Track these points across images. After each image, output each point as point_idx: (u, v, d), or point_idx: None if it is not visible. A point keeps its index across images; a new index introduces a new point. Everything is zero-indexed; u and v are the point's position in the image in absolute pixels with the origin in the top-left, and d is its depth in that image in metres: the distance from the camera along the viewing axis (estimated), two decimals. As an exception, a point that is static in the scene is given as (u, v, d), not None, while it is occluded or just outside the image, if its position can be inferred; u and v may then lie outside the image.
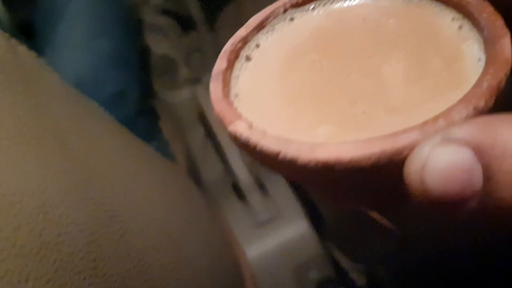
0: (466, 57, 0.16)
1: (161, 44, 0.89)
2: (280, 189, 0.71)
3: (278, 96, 0.18)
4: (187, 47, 0.91)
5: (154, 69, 0.85)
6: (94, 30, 0.72)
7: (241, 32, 0.20)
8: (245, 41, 0.19)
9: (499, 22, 0.15)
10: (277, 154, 0.14)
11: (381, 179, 0.14)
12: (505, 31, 0.15)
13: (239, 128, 0.15)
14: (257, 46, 0.20)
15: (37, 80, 0.21)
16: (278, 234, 0.67)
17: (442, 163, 0.11)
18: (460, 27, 0.17)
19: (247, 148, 0.15)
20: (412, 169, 0.12)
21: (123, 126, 0.29)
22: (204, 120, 0.81)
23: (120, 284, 0.18)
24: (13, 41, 0.22)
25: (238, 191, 0.73)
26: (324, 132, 0.15)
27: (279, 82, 0.18)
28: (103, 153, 0.22)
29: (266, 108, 0.17)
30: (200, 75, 0.86)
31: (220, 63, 0.18)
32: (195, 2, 0.93)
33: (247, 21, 0.21)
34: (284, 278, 0.65)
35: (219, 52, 0.19)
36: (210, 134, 0.80)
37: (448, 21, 0.17)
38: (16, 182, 0.15)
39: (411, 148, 0.12)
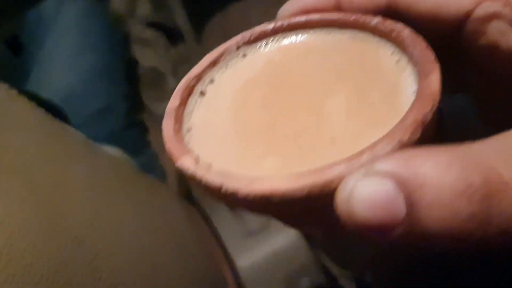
0: (402, 90, 0.16)
1: (148, 56, 0.89)
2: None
3: (229, 130, 0.18)
4: (174, 59, 0.91)
5: (142, 82, 0.86)
6: (80, 45, 0.72)
7: (195, 70, 0.20)
8: (199, 77, 0.20)
9: (430, 57, 0.16)
10: (220, 188, 0.15)
11: (316, 208, 0.14)
12: (435, 66, 0.15)
13: (186, 163, 0.16)
14: (211, 81, 0.20)
15: (6, 113, 0.21)
16: (269, 243, 0.67)
17: (365, 194, 0.12)
18: (398, 61, 0.17)
19: (194, 182, 0.16)
20: (340, 200, 0.13)
21: (96, 146, 0.30)
22: (193, 131, 0.81)
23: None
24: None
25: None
26: (270, 165, 0.16)
27: (231, 116, 0.19)
28: (71, 180, 0.22)
29: (217, 142, 0.18)
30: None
31: (174, 101, 0.19)
32: (182, 14, 0.94)
33: (233, 32, 0.21)
34: (275, 286, 0.66)
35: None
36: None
37: (388, 54, 0.18)
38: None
39: (339, 180, 0.13)
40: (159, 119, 0.69)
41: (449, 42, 0.17)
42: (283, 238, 0.67)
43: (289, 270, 0.66)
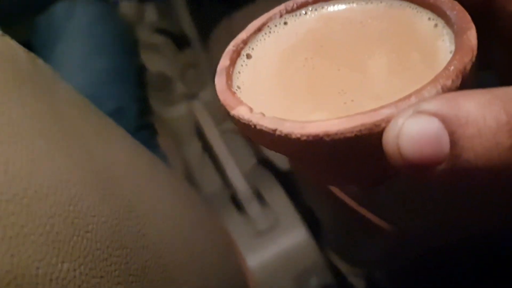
0: (440, 51, 0.18)
1: (156, 61, 0.91)
2: (278, 198, 0.73)
3: (275, 88, 0.20)
4: (182, 64, 0.93)
5: (151, 86, 0.87)
6: (91, 50, 0.74)
7: (242, 35, 0.22)
8: (245, 42, 0.21)
9: (466, 18, 0.17)
10: (274, 131, 0.16)
11: (363, 149, 0.16)
12: (471, 25, 0.17)
13: (241, 111, 0.17)
14: (256, 46, 0.21)
15: (55, 90, 0.22)
16: (278, 243, 0.68)
17: (413, 131, 0.13)
18: (435, 25, 0.19)
19: (248, 129, 0.17)
20: (389, 138, 0.14)
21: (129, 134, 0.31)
22: (201, 135, 0.83)
23: (140, 272, 0.19)
24: (32, 54, 0.23)
25: (236, 202, 0.74)
26: (317, 118, 0.17)
27: (276, 77, 0.20)
28: (118, 156, 0.23)
29: (265, 99, 0.19)
30: (195, 91, 0.88)
31: (224, 61, 0.20)
32: (189, 21, 0.96)
33: None
34: (285, 286, 0.66)
35: (214, 68, 0.21)
36: (207, 148, 0.82)
37: (425, 20, 0.19)
38: (49, 176, 0.16)
39: (388, 121, 0.14)
40: (167, 122, 0.71)
41: (482, 10, 0.18)
42: (292, 238, 0.68)
43: (298, 270, 0.66)
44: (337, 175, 0.20)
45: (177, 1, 0.95)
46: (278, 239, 0.68)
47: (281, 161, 0.75)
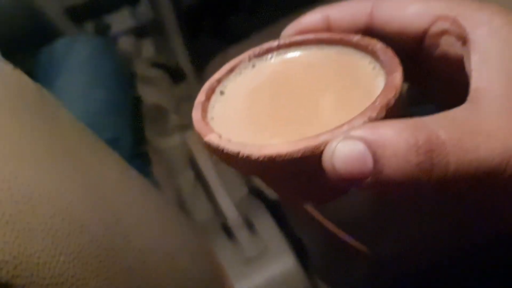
0: (376, 88, 0.21)
1: (152, 94, 0.94)
2: (267, 226, 0.75)
3: (243, 119, 0.23)
4: (177, 97, 0.97)
5: (146, 118, 0.90)
6: (90, 82, 0.77)
7: (216, 75, 0.25)
8: (219, 81, 0.25)
9: (395, 62, 0.21)
10: (238, 154, 0.19)
11: (309, 168, 0.19)
12: (398, 67, 0.20)
13: (212, 138, 0.20)
14: (228, 84, 0.25)
15: (58, 115, 0.25)
16: (266, 269, 0.70)
17: (344, 152, 0.17)
18: (373, 68, 0.22)
19: (217, 152, 0.20)
20: (326, 158, 0.17)
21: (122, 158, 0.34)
22: (193, 164, 0.85)
23: (126, 273, 0.22)
24: (38, 84, 0.27)
25: (227, 230, 0.76)
26: (275, 143, 0.20)
27: (244, 110, 0.23)
28: (110, 175, 0.26)
29: (234, 127, 0.22)
30: (189, 122, 0.92)
31: (200, 97, 0.24)
32: (185, 55, 1.00)
33: None
34: (272, 312, 0.68)
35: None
36: (199, 177, 0.84)
37: (366, 63, 0.23)
38: (51, 185, 0.19)
39: (325, 144, 0.18)
40: (161, 152, 0.74)
41: (413, 53, 0.22)
42: (280, 265, 0.70)
43: (286, 296, 0.68)
44: (293, 192, 0.23)
45: (174, 37, 0.99)
46: (267, 266, 0.70)
47: (271, 191, 0.77)
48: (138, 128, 0.82)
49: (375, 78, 0.22)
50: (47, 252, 0.17)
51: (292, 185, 0.22)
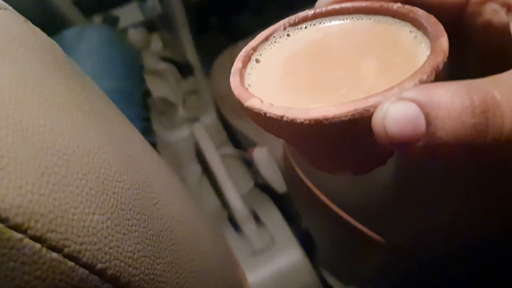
0: (419, 56, 0.21)
1: (160, 87, 0.94)
2: (274, 219, 0.74)
3: (280, 86, 0.22)
4: (184, 91, 0.96)
5: (154, 110, 0.90)
6: (100, 72, 0.77)
7: (252, 43, 0.25)
8: (254, 49, 0.24)
9: (440, 27, 0.20)
10: (281, 117, 0.19)
11: (356, 131, 0.18)
12: (444, 33, 0.20)
13: (253, 102, 0.20)
14: (264, 53, 0.25)
15: (84, 76, 0.25)
16: (273, 262, 0.69)
17: (396, 114, 0.16)
18: (415, 36, 0.22)
19: (259, 117, 0.20)
20: (377, 120, 0.17)
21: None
22: (200, 157, 0.85)
23: (155, 239, 0.21)
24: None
25: (234, 223, 0.76)
26: (321, 106, 0.20)
27: (281, 77, 0.23)
28: (135, 140, 0.26)
29: (271, 95, 0.22)
30: (197, 115, 0.92)
31: (237, 64, 0.23)
32: (193, 50, 1.00)
33: None
34: (279, 305, 0.67)
35: (215, 95, 0.24)
36: (206, 170, 0.84)
37: (407, 33, 0.22)
38: (84, 141, 0.19)
39: (375, 106, 0.17)
40: (168, 145, 0.73)
41: (454, 24, 0.22)
42: (287, 258, 0.70)
43: (293, 289, 0.68)
44: (333, 159, 0.23)
45: (182, 31, 0.99)
46: (273, 258, 0.70)
47: (278, 184, 0.77)
48: (146, 120, 0.82)
49: (418, 46, 0.21)
50: (81, 210, 0.17)
51: (333, 151, 0.22)
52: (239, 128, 0.83)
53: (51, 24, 0.92)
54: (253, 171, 0.81)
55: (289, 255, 0.69)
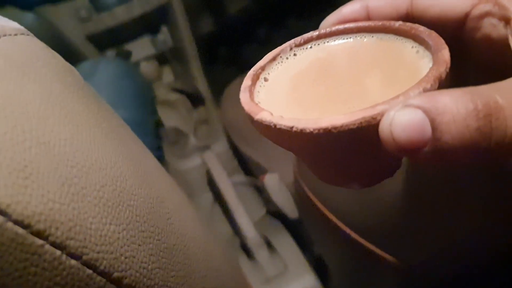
0: (422, 68, 0.21)
1: (172, 117, 0.96)
2: (287, 246, 0.74)
3: (288, 103, 0.23)
4: (195, 120, 0.98)
5: (166, 140, 0.92)
6: (113, 103, 0.79)
7: (260, 63, 0.26)
8: (263, 68, 0.25)
9: (440, 41, 0.21)
10: (291, 128, 0.19)
11: (364, 140, 0.19)
12: (445, 46, 0.21)
13: (264, 115, 0.21)
14: (272, 72, 0.26)
15: (99, 99, 0.27)
16: (287, 289, 0.69)
17: (403, 121, 0.17)
18: (417, 51, 0.23)
19: (269, 129, 0.21)
20: (384, 127, 0.17)
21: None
22: (212, 185, 0.86)
23: (169, 252, 0.22)
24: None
25: (246, 250, 0.76)
26: (330, 116, 0.21)
27: (289, 94, 0.24)
28: (148, 158, 0.27)
29: (280, 110, 0.23)
30: (207, 144, 0.93)
31: (246, 81, 0.24)
32: (203, 81, 1.02)
33: None
34: (293, 333, 0.66)
35: (225, 124, 0.25)
36: (218, 198, 0.85)
37: (409, 48, 0.23)
38: (102, 155, 0.20)
39: (382, 114, 0.18)
40: (180, 174, 0.74)
41: (454, 39, 0.23)
42: (300, 284, 0.69)
43: (307, 317, 0.67)
44: (340, 170, 0.24)
45: (193, 63, 1.02)
46: (287, 285, 0.69)
47: (290, 210, 0.77)
48: (158, 149, 0.83)
49: (420, 59, 0.22)
50: (98, 219, 0.18)
51: (341, 162, 0.22)
52: (250, 155, 0.84)
53: (66, 57, 0.95)
54: (265, 198, 0.81)
55: (302, 282, 0.69)
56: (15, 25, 0.24)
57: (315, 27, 0.27)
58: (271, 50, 0.27)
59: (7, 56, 0.19)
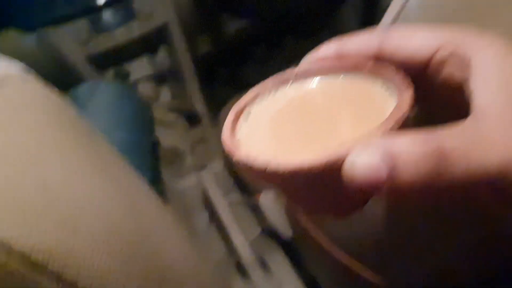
0: (389, 107, 0.23)
1: (169, 137, 0.98)
2: (281, 266, 0.75)
3: (267, 138, 0.25)
4: (192, 139, 1.00)
5: (163, 159, 0.93)
6: (112, 124, 0.80)
7: (243, 100, 0.27)
8: (245, 105, 0.27)
9: (405, 82, 0.23)
10: (265, 169, 0.21)
11: (329, 180, 0.21)
12: (408, 87, 0.22)
13: (241, 156, 0.22)
14: (253, 108, 0.27)
15: (92, 132, 0.28)
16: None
17: (362, 164, 0.19)
18: (386, 90, 0.25)
19: (246, 168, 0.22)
20: (345, 170, 0.19)
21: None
22: (208, 205, 0.87)
23: (160, 282, 0.23)
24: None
25: (241, 269, 0.77)
26: (298, 158, 0.22)
27: (268, 130, 0.26)
28: (138, 191, 0.28)
29: (262, 145, 0.24)
30: (204, 163, 0.94)
31: (229, 117, 0.26)
32: (201, 101, 1.04)
33: None
34: None
35: (222, 143, 0.26)
36: (214, 217, 0.86)
37: (378, 88, 0.25)
38: (93, 191, 0.21)
39: (344, 157, 0.19)
40: (176, 193, 0.75)
41: (419, 79, 0.24)
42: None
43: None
44: (315, 203, 0.25)
45: (190, 83, 1.04)
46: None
47: (284, 229, 0.78)
48: (155, 169, 0.84)
49: (388, 98, 0.24)
50: (91, 250, 0.19)
51: (315, 197, 0.24)
52: (246, 174, 0.85)
53: (66, 77, 0.97)
54: (260, 217, 0.82)
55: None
56: (15, 66, 0.25)
57: (312, 47, 0.29)
58: (268, 70, 0.28)
59: (8, 101, 0.21)
